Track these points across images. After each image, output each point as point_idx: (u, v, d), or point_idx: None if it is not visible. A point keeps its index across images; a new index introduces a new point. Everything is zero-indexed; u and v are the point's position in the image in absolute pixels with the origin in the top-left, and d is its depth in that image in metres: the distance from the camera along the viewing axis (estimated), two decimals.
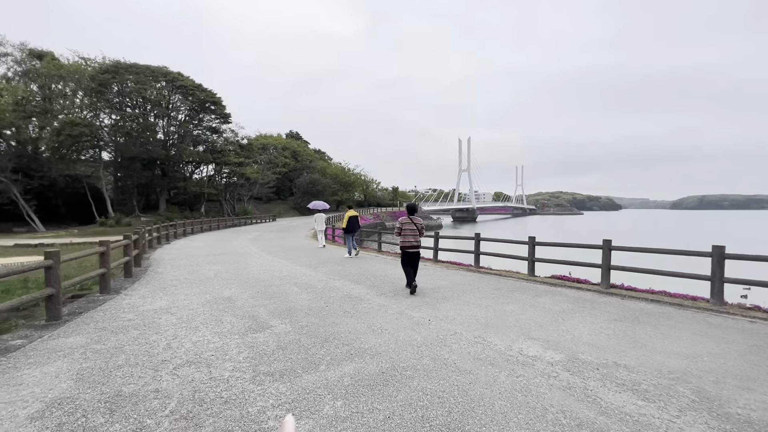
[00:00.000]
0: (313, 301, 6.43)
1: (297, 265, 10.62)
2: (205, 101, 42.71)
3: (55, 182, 36.43)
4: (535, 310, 5.95)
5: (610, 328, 5.05)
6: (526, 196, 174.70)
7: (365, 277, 8.83)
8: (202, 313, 5.69)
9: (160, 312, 5.74)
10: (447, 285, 7.92)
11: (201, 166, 47.41)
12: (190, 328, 4.98)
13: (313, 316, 5.55)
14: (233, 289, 7.38)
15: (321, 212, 16.97)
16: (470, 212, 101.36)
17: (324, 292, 7.12)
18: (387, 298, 6.67)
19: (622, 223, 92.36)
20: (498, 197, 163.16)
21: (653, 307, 6.17)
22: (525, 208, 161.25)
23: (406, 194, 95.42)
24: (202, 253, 13.76)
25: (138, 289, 7.39)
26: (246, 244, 16.99)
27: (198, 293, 7.04)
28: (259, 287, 7.59)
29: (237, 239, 20.04)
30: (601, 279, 7.76)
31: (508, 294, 7.08)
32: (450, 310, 5.93)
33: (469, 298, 6.70)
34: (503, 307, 6.13)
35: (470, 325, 5.13)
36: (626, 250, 7.62)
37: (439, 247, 11.83)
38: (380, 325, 5.13)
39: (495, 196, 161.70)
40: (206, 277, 8.78)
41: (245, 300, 6.51)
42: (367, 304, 6.24)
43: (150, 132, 39.60)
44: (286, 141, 65.12)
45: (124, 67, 37.56)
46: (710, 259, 6.26)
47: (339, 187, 62.35)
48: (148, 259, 12.14)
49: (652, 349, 4.26)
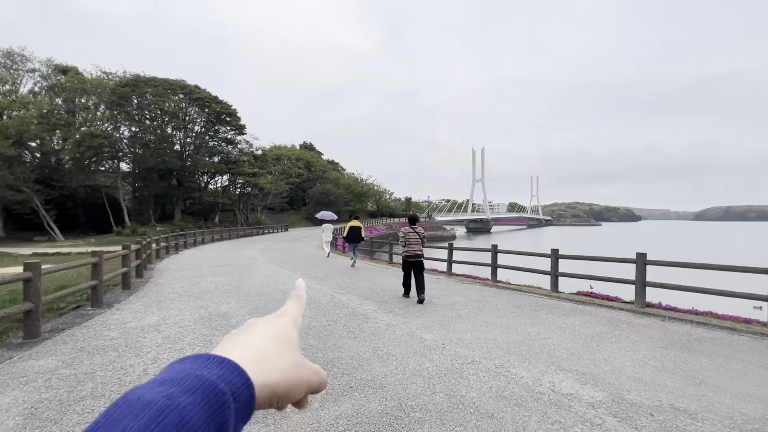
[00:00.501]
0: (315, 319, 5.85)
1: (302, 278, 10.05)
2: (221, 113, 43.30)
3: (75, 192, 37.20)
4: (563, 332, 5.23)
5: (656, 357, 4.30)
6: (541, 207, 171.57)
7: (374, 291, 8.22)
8: (193, 331, 5.17)
9: (147, 330, 5.25)
10: (462, 301, 7.23)
11: (216, 176, 47.93)
12: (175, 350, 4.45)
13: (313, 337, 4.96)
14: (231, 304, 6.86)
15: (329, 222, 16.80)
16: (484, 223, 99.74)
17: (328, 309, 6.53)
18: (396, 316, 6.04)
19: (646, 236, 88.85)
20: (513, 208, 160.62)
21: (702, 331, 5.37)
22: (541, 219, 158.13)
23: (419, 204, 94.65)
24: (209, 263, 13.38)
25: (132, 303, 6.94)
26: (254, 254, 16.60)
27: (193, 308, 6.54)
28: (260, 302, 7.06)
29: (247, 249, 19.70)
30: (635, 297, 6.96)
31: (531, 313, 6.36)
32: (466, 331, 5.26)
33: (487, 317, 6.02)
34: (526, 328, 5.43)
35: (490, 351, 4.45)
36: (665, 264, 6.80)
37: (454, 259, 11.14)
38: (387, 349, 4.51)
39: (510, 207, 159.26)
40: (206, 289, 8.31)
41: (242, 317, 5.97)
42: (373, 324, 5.63)
43: (167, 143, 40.23)
44: (300, 152, 65.52)
45: (143, 80, 38.43)
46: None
47: (352, 197, 62.12)
48: (153, 269, 11.80)
49: (715, 388, 3.51)
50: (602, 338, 4.99)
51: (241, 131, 46.25)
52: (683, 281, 6.98)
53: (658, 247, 52.49)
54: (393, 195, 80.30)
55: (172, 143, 41.47)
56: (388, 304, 6.91)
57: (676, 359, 4.25)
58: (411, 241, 7.41)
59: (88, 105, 40.68)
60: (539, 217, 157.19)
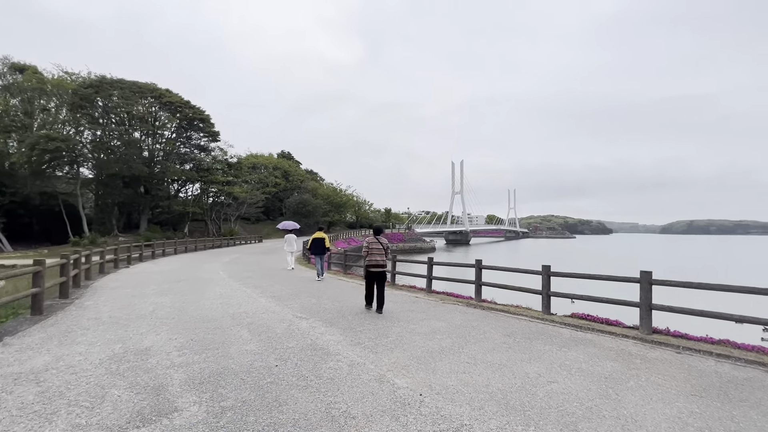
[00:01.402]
0: (260, 356, 4.60)
1: (263, 297, 8.76)
2: (194, 118, 41.44)
3: (29, 199, 34.29)
4: (569, 373, 4.19)
5: (694, 412, 3.31)
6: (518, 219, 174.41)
7: (341, 314, 7.02)
8: (86, 380, 3.84)
9: (22, 378, 3.87)
10: (444, 328, 6.14)
11: (187, 184, 45.66)
12: (43, 416, 3.12)
13: (250, 387, 3.73)
14: (161, 335, 5.51)
15: (292, 233, 15.80)
16: (463, 235, 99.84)
17: (281, 340, 5.30)
18: (364, 351, 4.87)
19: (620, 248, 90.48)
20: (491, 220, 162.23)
21: (730, 368, 4.45)
22: (518, 231, 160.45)
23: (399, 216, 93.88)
24: (159, 279, 11.81)
25: (31, 334, 5.48)
26: (217, 269, 15.06)
27: (108, 341, 5.17)
28: (198, 331, 5.74)
29: (211, 262, 18.08)
30: (639, 322, 6.05)
31: (525, 343, 5.32)
32: (451, 373, 4.15)
33: (475, 351, 4.93)
34: (523, 367, 4.37)
35: (483, 407, 3.35)
36: (673, 285, 5.90)
37: (433, 275, 10.08)
38: (346, 406, 3.33)
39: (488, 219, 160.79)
40: (139, 314, 6.89)
41: (166, 354, 4.66)
42: (334, 362, 4.44)
43: (134, 149, 37.89)
44: (277, 161, 63.76)
45: (108, 82, 36.27)
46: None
47: (330, 207, 60.62)
48: (89, 287, 10.17)
49: None
50: (619, 381, 3.98)
51: (214, 138, 44.38)
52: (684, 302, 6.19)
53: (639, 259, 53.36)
54: (373, 206, 79.17)
55: (139, 149, 39.14)
56: (355, 333, 5.73)
57: (720, 415, 3.26)
58: (374, 251, 7.32)
59: (47, 107, 38.00)
60: (517, 230, 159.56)
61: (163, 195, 41.70)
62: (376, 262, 7.28)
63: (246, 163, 53.39)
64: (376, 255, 7.30)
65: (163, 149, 41.66)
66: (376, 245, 7.37)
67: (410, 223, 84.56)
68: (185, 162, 42.95)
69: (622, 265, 40.02)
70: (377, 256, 7.30)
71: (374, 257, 7.29)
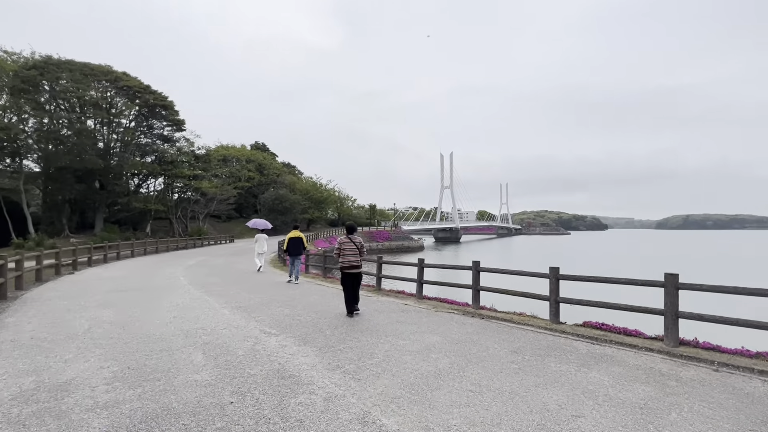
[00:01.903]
0: (213, 389, 3.91)
1: (227, 308, 8.02)
2: (155, 105, 39.73)
3: None
4: (596, 403, 3.66)
5: None
6: (511, 215, 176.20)
7: (318, 328, 6.36)
8: None
9: None
10: (440, 343, 5.56)
11: (149, 179, 43.90)
12: None
13: None
14: (91, 362, 4.74)
15: (262, 232, 15.18)
16: (453, 232, 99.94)
17: (242, 366, 4.60)
18: (344, 377, 4.24)
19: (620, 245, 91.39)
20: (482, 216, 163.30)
21: None
22: (510, 228, 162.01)
23: (385, 212, 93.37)
24: (107, 288, 10.86)
25: None
26: (178, 273, 14.15)
27: (19, 373, 4.37)
28: (139, 355, 4.98)
29: (172, 266, 17.09)
30: (664, 332, 5.60)
31: (537, 362, 4.78)
32: (452, 406, 3.55)
33: (479, 374, 4.36)
34: (540, 395, 3.82)
35: None
36: (703, 289, 5.45)
37: (425, 279, 9.50)
38: None
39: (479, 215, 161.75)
40: (71, 333, 6.07)
41: (90, 390, 3.91)
42: (306, 395, 3.79)
43: (86, 138, 35.99)
44: (251, 153, 62.13)
45: (55, 63, 34.28)
46: None
47: (310, 204, 59.54)
48: (17, 298, 9.19)
49: None
50: (658, 414, 3.46)
51: (179, 127, 42.73)
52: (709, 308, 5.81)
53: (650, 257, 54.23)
54: (356, 202, 78.44)
55: (93, 139, 37.25)
56: (334, 353, 5.09)
57: None
58: (346, 251, 7.30)
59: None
60: (509, 226, 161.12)
61: (122, 191, 39.89)
62: (350, 263, 7.26)
63: (216, 156, 51.77)
64: (349, 256, 7.29)
65: (121, 139, 39.82)
66: (349, 245, 7.32)
67: (397, 219, 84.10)
68: (146, 154, 41.21)
69: (629, 265, 40.43)
70: (350, 256, 7.29)
71: (347, 258, 7.28)
